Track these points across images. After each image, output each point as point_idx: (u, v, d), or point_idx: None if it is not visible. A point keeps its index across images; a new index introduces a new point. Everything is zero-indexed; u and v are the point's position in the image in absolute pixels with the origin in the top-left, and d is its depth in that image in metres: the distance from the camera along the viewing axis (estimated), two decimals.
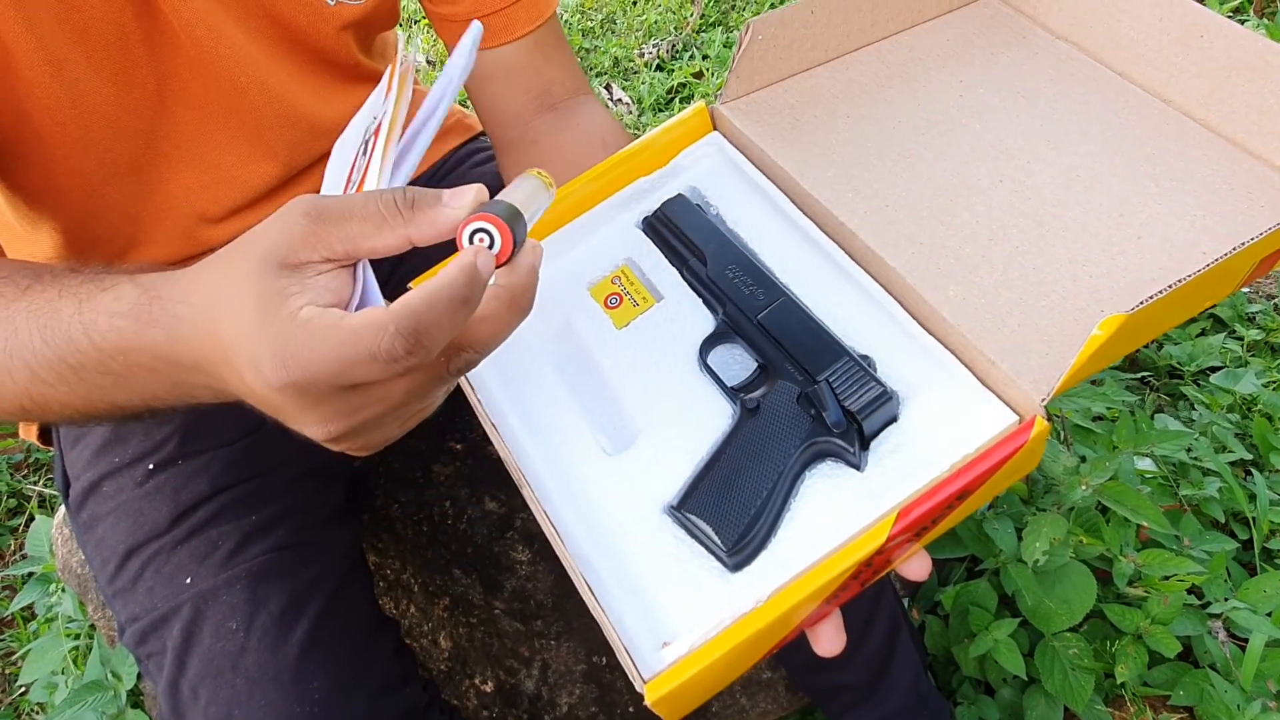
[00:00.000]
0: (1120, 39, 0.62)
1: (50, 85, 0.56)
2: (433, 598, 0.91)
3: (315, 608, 0.60)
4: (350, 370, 0.34)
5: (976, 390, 0.49)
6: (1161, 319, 0.51)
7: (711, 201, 0.60)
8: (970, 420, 0.48)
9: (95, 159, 0.62)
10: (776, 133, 0.60)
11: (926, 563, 0.49)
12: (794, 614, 0.45)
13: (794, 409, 0.49)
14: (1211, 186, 0.55)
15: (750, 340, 0.53)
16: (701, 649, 0.44)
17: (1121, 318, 0.42)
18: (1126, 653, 0.91)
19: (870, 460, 0.48)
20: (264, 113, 0.66)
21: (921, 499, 0.45)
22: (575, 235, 0.60)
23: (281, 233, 0.36)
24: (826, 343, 0.51)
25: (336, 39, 0.67)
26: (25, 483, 1.65)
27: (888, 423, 0.49)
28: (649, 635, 0.45)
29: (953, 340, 0.50)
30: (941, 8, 0.68)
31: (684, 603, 0.46)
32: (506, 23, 0.69)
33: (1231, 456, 1.10)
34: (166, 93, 0.62)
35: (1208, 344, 1.26)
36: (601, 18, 2.41)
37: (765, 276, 0.54)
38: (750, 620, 0.44)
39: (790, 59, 0.63)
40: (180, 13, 0.59)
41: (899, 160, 0.59)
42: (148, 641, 0.60)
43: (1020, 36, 0.66)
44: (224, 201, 0.69)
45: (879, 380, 0.49)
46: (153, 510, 0.63)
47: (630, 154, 0.61)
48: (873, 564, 0.46)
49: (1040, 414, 0.46)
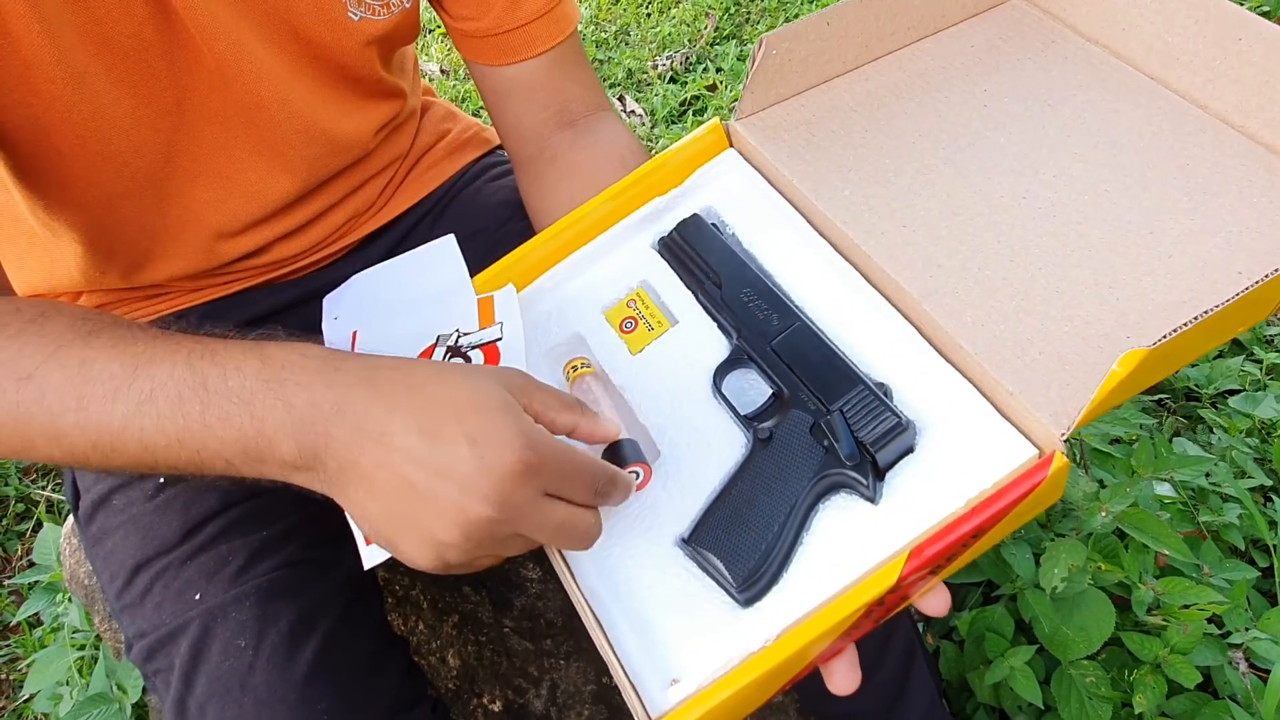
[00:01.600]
0: (1154, 42, 0.59)
1: (71, 98, 0.56)
2: (442, 615, 0.90)
3: (325, 626, 0.59)
4: (578, 471, 0.43)
5: (995, 422, 0.47)
6: (1189, 348, 0.49)
7: (728, 221, 0.59)
8: (988, 453, 0.46)
9: (114, 171, 0.61)
10: (792, 150, 0.59)
11: (945, 599, 0.47)
12: (805, 653, 0.44)
13: (807, 439, 0.48)
14: (1249, 200, 0.52)
15: (764, 366, 0.52)
16: (710, 688, 0.42)
17: (1142, 353, 0.40)
18: (1145, 682, 0.89)
19: (885, 492, 0.47)
20: (285, 128, 0.66)
21: (935, 537, 0.43)
22: (591, 257, 0.60)
23: (508, 373, 0.45)
24: (841, 370, 0.49)
25: (360, 55, 0.66)
26: (34, 487, 1.65)
27: (904, 454, 0.47)
28: (656, 672, 0.44)
29: (971, 369, 0.48)
30: (966, 11, 0.65)
31: (693, 639, 0.45)
32: (527, 39, 0.68)
33: (1251, 482, 1.08)
34: (187, 107, 0.62)
35: (1226, 367, 1.25)
36: (615, 29, 2.42)
37: (781, 300, 0.53)
38: (760, 660, 0.43)
39: (807, 72, 0.62)
40: (203, 26, 0.58)
41: (917, 177, 0.57)
42: (155, 658, 0.59)
43: (1048, 40, 0.63)
44: (242, 216, 0.69)
45: (894, 410, 0.47)
46: (162, 525, 0.63)
47: (645, 173, 0.60)
48: (885, 602, 0.44)
49: (1060, 449, 0.44)
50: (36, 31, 0.52)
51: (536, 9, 0.67)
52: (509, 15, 0.67)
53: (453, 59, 2.44)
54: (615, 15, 2.48)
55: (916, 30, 0.64)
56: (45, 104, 0.56)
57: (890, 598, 0.44)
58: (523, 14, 0.67)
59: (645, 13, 2.47)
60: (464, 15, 0.68)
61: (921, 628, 0.99)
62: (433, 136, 0.85)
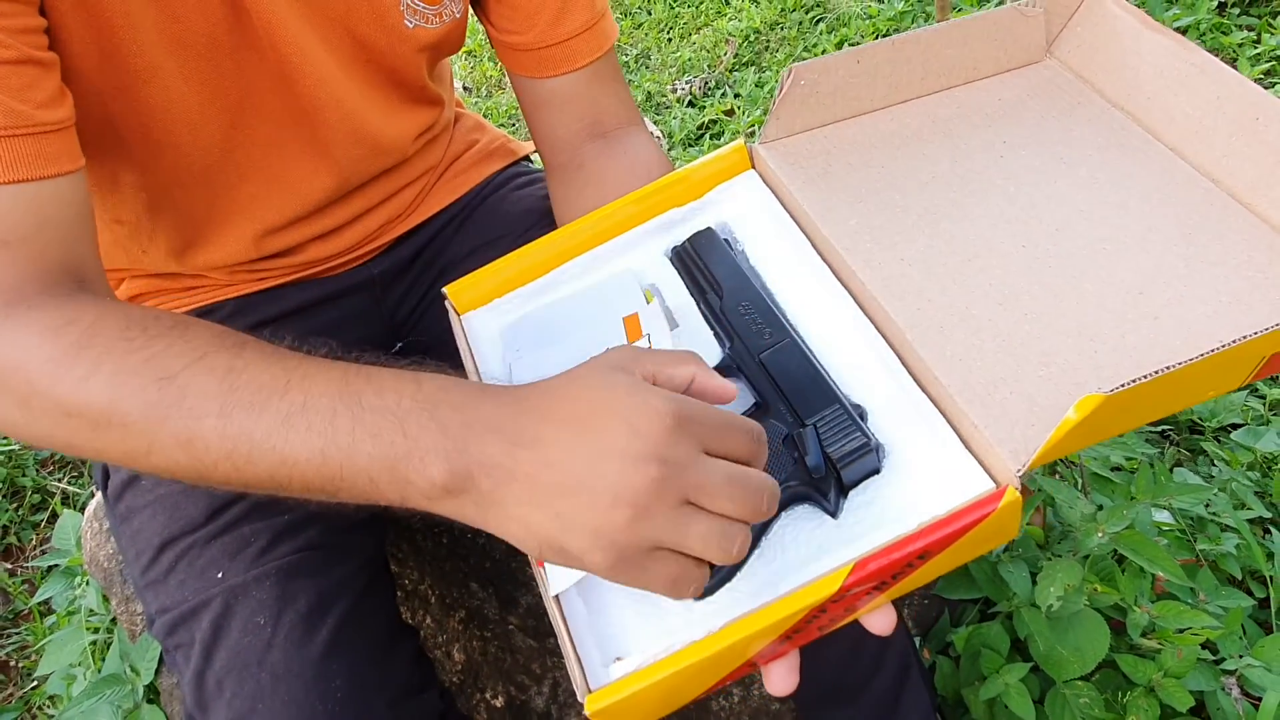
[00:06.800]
0: (1175, 113, 0.60)
1: (141, 90, 0.59)
2: (449, 610, 0.92)
3: (340, 609, 0.61)
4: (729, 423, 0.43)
5: (959, 453, 0.48)
6: (1154, 403, 0.48)
7: (739, 238, 0.61)
8: (947, 482, 0.47)
9: (171, 161, 0.65)
10: (808, 177, 0.61)
11: (891, 619, 0.48)
12: (743, 647, 0.45)
13: (778, 449, 0.50)
14: (1245, 274, 0.52)
15: (750, 377, 0.53)
16: (645, 669, 0.44)
17: (1099, 398, 0.40)
18: (1138, 705, 0.90)
19: (847, 509, 0.48)
20: (335, 129, 0.69)
21: (880, 554, 0.45)
22: (606, 256, 0.63)
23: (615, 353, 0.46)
24: (821, 388, 0.51)
25: (411, 61, 0.70)
26: (50, 479, 1.68)
27: (869, 474, 0.49)
28: (601, 650, 0.46)
29: (943, 401, 0.50)
30: (999, 66, 0.67)
31: (642, 624, 0.47)
32: (568, 54, 0.72)
33: (1251, 514, 1.09)
34: (246, 105, 0.65)
35: (1229, 401, 1.26)
36: (636, 53, 2.46)
37: (776, 317, 0.55)
38: (698, 648, 0.44)
39: (833, 106, 0.64)
40: (272, 28, 0.61)
41: (923, 215, 0.58)
42: (177, 632, 0.62)
43: (1075, 102, 0.65)
44: (285, 212, 0.72)
45: (865, 431, 0.49)
46: (189, 505, 0.65)
47: (667, 183, 0.62)
48: (828, 610, 0.46)
49: (1014, 484, 0.45)
50: (124, 26, 0.56)
51: (578, 25, 0.71)
52: (552, 31, 0.70)
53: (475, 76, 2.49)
54: (636, 39, 2.52)
55: (946, 79, 0.66)
56: (114, 94, 0.59)
57: (833, 608, 0.45)
58: (565, 30, 0.70)
59: (666, 38, 2.52)
60: (509, 29, 0.72)
61: (918, 642, 1.00)
62: (462, 145, 0.88)
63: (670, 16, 2.57)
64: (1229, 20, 1.97)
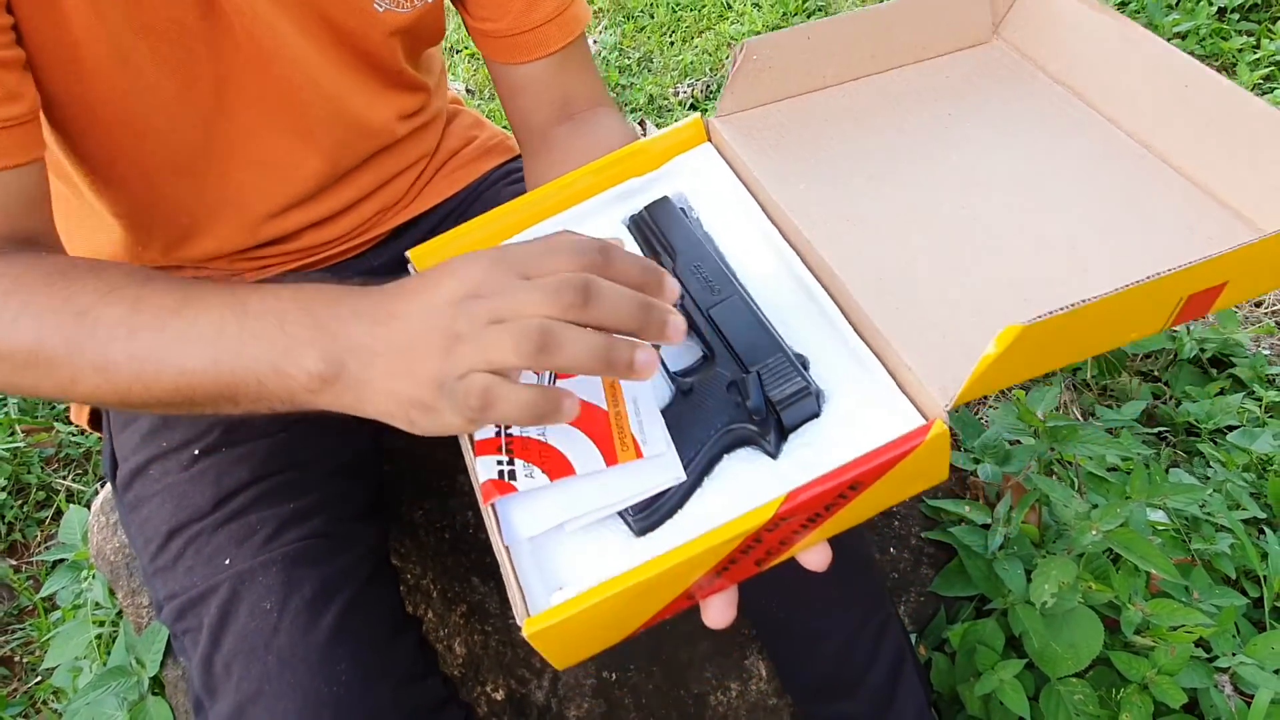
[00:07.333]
0: (1111, 85, 0.64)
1: (115, 76, 0.60)
2: (450, 604, 0.93)
3: (345, 596, 0.62)
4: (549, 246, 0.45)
5: (893, 394, 0.51)
6: (1082, 339, 0.50)
7: (694, 206, 0.64)
8: (881, 420, 0.50)
9: (153, 149, 0.66)
10: (760, 148, 0.64)
11: (826, 555, 0.50)
12: (678, 575, 0.46)
13: (723, 395, 0.52)
14: (1174, 229, 0.56)
15: (700, 330, 0.56)
16: (582, 595, 0.46)
17: (1018, 329, 0.42)
18: (1132, 701, 0.91)
19: (787, 451, 0.51)
20: (315, 109, 0.70)
21: (812, 484, 0.46)
22: (567, 223, 0.65)
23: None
24: (764, 339, 0.54)
25: (384, 44, 0.71)
26: (55, 476, 1.69)
27: (808, 417, 0.51)
28: (543, 581, 0.48)
29: (880, 347, 0.52)
30: (948, 46, 0.70)
31: (585, 559, 0.49)
32: (540, 40, 0.74)
33: (1245, 514, 1.10)
34: (225, 89, 0.66)
35: (1225, 403, 1.27)
36: (639, 56, 2.48)
37: (725, 275, 0.58)
38: (633, 574, 0.46)
39: (787, 81, 0.67)
40: (241, 12, 0.63)
41: (868, 181, 0.61)
42: (185, 618, 0.63)
43: (1020, 78, 0.68)
44: (278, 197, 0.73)
45: (806, 377, 0.51)
46: (196, 493, 0.67)
47: (627, 154, 0.65)
48: (763, 541, 0.47)
49: (942, 419, 0.47)
50: (86, 11, 0.57)
51: (549, 12, 0.73)
52: (524, 18, 0.73)
53: (478, 79, 2.50)
54: (639, 43, 2.54)
55: (896, 58, 0.69)
56: (91, 80, 0.60)
57: (767, 537, 0.47)
58: (537, 17, 0.73)
59: (669, 41, 2.54)
60: (483, 16, 0.74)
61: (915, 638, 1.01)
62: (461, 141, 0.90)
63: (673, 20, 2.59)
64: (1228, 25, 1.98)
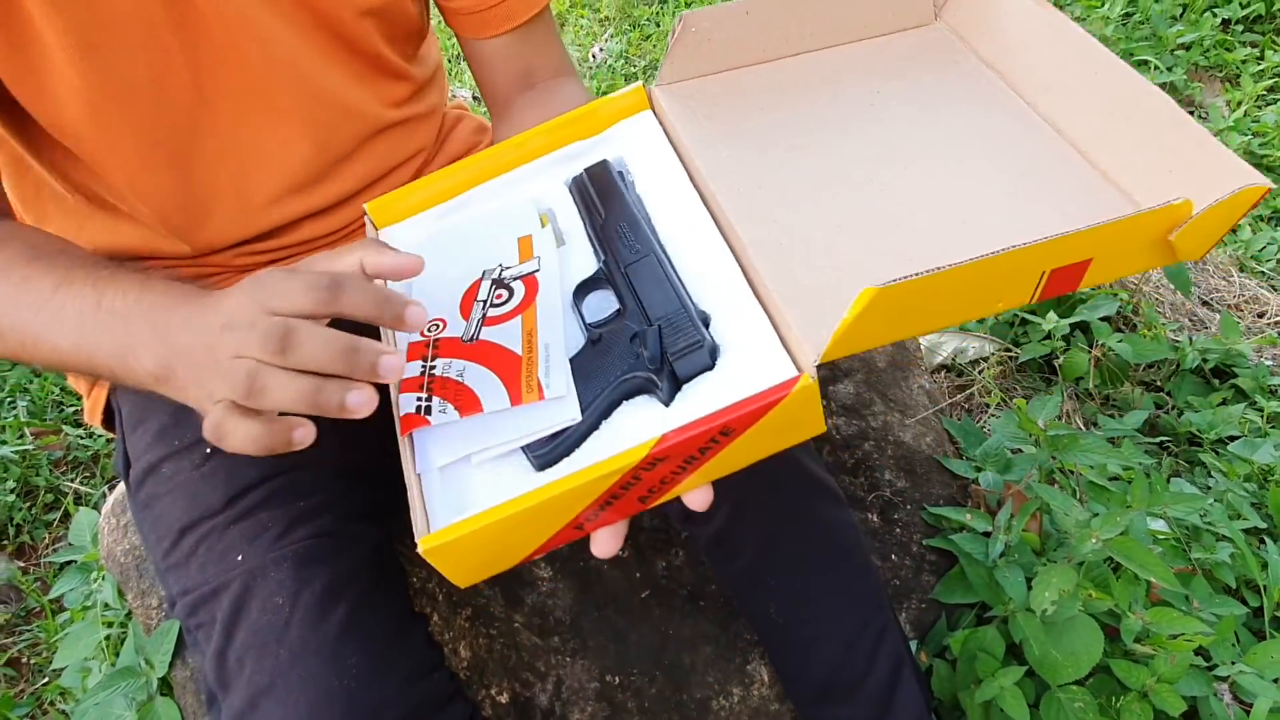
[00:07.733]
0: (1034, 69, 0.66)
1: (81, 68, 0.61)
2: (455, 607, 0.94)
3: (354, 592, 0.64)
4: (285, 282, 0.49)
5: (777, 350, 0.54)
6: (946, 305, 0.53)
7: (632, 170, 0.67)
8: (761, 373, 0.53)
9: (133, 145, 0.67)
10: (694, 117, 0.67)
11: (707, 496, 0.54)
12: (563, 503, 0.50)
13: (626, 345, 0.56)
14: (1065, 211, 0.58)
15: (616, 286, 0.60)
16: (475, 516, 0.50)
17: (873, 291, 0.46)
18: (1131, 709, 0.92)
19: (679, 399, 0.54)
20: (295, 91, 0.71)
21: (684, 429, 0.50)
22: (514, 181, 0.68)
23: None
24: (671, 296, 0.57)
25: (357, 25, 0.71)
26: (63, 479, 1.70)
27: (701, 369, 0.55)
28: (447, 509, 0.52)
29: (771, 307, 0.55)
30: (888, 27, 0.73)
31: (487, 490, 0.53)
32: (507, 13, 0.77)
33: (1246, 524, 1.11)
34: (203, 81, 0.67)
35: (1227, 413, 1.28)
36: (644, 64, 2.50)
37: (646, 236, 0.61)
38: (522, 500, 0.50)
39: (726, 54, 0.70)
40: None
41: (789, 151, 0.64)
42: (198, 613, 0.64)
43: (953, 60, 0.71)
44: (269, 186, 0.74)
45: (702, 332, 0.55)
46: (208, 491, 0.68)
47: (574, 118, 0.68)
48: (642, 479, 0.51)
49: (809, 373, 0.50)
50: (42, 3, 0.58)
51: None
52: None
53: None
54: (645, 51, 2.57)
55: (837, 35, 0.72)
56: (57, 75, 0.61)
57: (646, 476, 0.51)
58: None
59: None
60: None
61: (915, 645, 1.02)
62: (464, 146, 0.91)
63: None
64: (1233, 37, 2.00)
